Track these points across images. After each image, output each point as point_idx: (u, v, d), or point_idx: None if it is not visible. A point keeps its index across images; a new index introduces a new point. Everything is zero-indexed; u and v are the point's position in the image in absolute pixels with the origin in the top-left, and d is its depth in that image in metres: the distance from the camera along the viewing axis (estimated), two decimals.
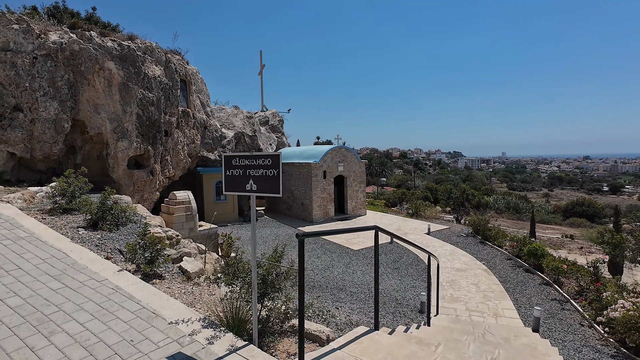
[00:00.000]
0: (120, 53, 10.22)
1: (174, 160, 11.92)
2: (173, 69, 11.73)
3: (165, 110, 11.37)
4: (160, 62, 11.41)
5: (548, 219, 54.51)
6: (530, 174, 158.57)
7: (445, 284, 9.31)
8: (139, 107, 10.54)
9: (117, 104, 10.18)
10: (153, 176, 10.94)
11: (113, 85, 10.12)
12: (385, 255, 11.91)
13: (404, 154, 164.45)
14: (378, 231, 3.58)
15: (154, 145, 10.96)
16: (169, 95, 11.48)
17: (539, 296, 8.45)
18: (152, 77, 10.90)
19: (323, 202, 17.72)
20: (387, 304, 7.80)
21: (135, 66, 10.49)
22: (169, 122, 11.49)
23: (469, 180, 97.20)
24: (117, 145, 10.23)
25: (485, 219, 14.29)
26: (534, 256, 10.04)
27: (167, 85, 11.37)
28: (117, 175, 10.44)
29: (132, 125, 10.42)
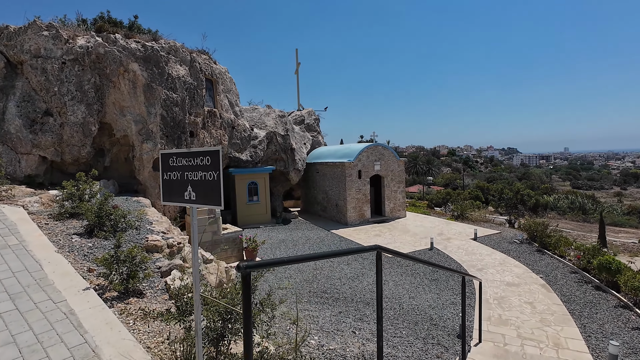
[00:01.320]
0: (144, 54, 10.13)
1: None
2: (198, 68, 11.52)
3: (190, 110, 11.17)
4: (185, 62, 11.24)
5: (621, 221, 48.24)
6: (598, 171, 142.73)
7: (492, 301, 7.95)
8: (162, 108, 10.40)
9: (141, 105, 10.11)
10: None
11: (137, 86, 10.05)
12: (422, 264, 10.68)
13: (452, 152, 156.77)
14: (381, 253, 2.66)
15: (179, 146, 10.79)
16: (194, 96, 11.27)
17: (614, 323, 6.83)
18: (176, 78, 10.72)
19: (358, 203, 16.73)
20: (419, 325, 6.71)
21: (159, 67, 10.37)
22: (194, 122, 11.28)
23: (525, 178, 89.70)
24: (142, 147, 10.16)
25: (544, 223, 12.40)
26: (606, 271, 8.29)
27: (191, 85, 11.16)
28: (143, 177, 10.39)
29: (157, 126, 10.29)
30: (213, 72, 12.41)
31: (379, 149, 17.36)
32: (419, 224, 16.34)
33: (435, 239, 13.30)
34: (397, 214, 17.97)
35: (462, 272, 4.38)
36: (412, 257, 3.02)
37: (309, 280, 9.33)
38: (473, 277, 5.61)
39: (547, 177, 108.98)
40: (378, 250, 2.63)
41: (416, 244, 12.78)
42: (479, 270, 10.00)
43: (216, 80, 12.57)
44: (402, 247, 12.54)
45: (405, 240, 13.47)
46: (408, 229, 15.48)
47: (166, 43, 10.74)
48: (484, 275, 9.60)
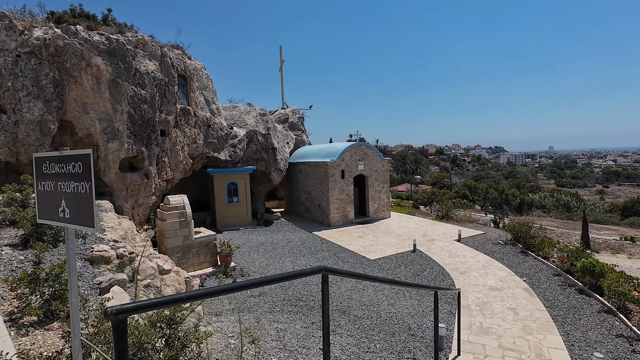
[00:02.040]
0: (109, 47, 9.50)
1: (172, 162, 11.12)
2: (169, 63, 10.92)
3: (160, 108, 10.57)
4: (155, 57, 10.62)
5: (603, 218, 49.18)
6: (581, 169, 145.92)
7: (474, 307, 7.62)
8: (130, 105, 9.79)
9: (106, 102, 9.48)
10: (148, 179, 10.17)
11: (101, 82, 9.42)
12: (404, 267, 10.34)
13: (440, 151, 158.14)
14: (327, 275, 2.21)
15: (149, 146, 10.18)
16: (165, 92, 10.67)
17: (598, 329, 6.55)
18: (145, 73, 10.11)
19: (341, 203, 16.33)
20: (396, 336, 6.31)
21: (126, 61, 9.74)
22: (165, 120, 10.68)
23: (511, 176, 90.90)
24: (108, 147, 9.53)
25: (528, 224, 12.19)
26: (590, 274, 8.05)
27: (162, 82, 10.56)
28: (109, 178, 9.76)
29: (123, 125, 9.67)
30: (187, 68, 11.81)
31: (363, 148, 16.98)
32: (403, 225, 16.03)
33: (418, 241, 12.98)
34: (382, 215, 17.63)
35: (434, 287, 3.96)
36: (367, 276, 2.58)
37: (285, 287, 8.86)
38: (449, 290, 5.20)
39: (532, 175, 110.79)
40: (323, 272, 2.18)
41: (399, 246, 12.43)
42: (461, 273, 9.68)
43: (190, 77, 11.97)
44: (384, 249, 12.18)
45: (388, 242, 13.11)
46: (392, 230, 15.14)
47: (133, 36, 10.11)
48: (466, 279, 9.29)
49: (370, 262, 10.86)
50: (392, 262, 10.87)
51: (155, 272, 5.34)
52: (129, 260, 5.17)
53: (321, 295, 2.22)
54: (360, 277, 2.48)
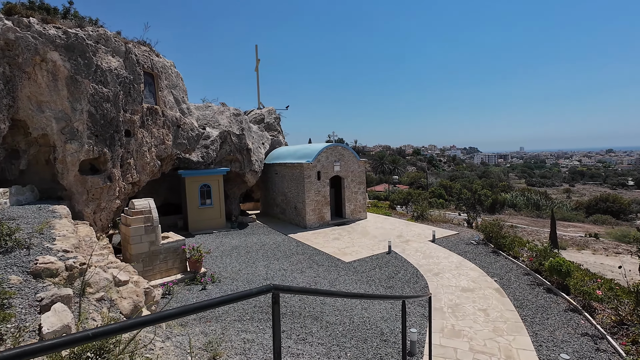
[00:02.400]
0: (66, 42, 8.90)
1: (138, 164, 10.59)
2: (135, 60, 10.39)
3: (125, 107, 10.03)
4: (119, 53, 10.07)
5: (570, 216, 51.53)
6: (550, 169, 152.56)
7: (446, 309, 7.61)
8: (90, 104, 9.22)
9: (64, 100, 8.88)
10: (111, 182, 9.62)
11: (58, 79, 8.81)
12: (379, 270, 10.27)
13: (417, 151, 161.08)
14: (278, 295, 2.00)
15: (112, 147, 9.63)
16: (130, 91, 10.14)
17: (564, 329, 6.67)
18: (108, 70, 9.56)
19: (317, 205, 16.15)
20: (368, 342, 6.18)
21: (85, 57, 9.16)
22: (130, 120, 10.15)
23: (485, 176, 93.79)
24: (66, 148, 8.93)
25: (499, 224, 12.43)
26: (557, 273, 8.22)
27: (126, 79, 10.03)
28: (68, 182, 9.15)
29: (83, 124, 9.10)
30: (154, 66, 11.29)
31: (339, 149, 16.88)
32: (379, 226, 16.04)
33: (394, 242, 12.99)
34: (358, 216, 17.59)
35: (402, 296, 3.83)
36: (322, 291, 2.39)
37: None
38: (417, 297, 5.11)
39: (504, 175, 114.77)
40: (273, 291, 1.97)
41: (374, 248, 12.38)
42: (435, 274, 9.71)
43: (158, 75, 11.46)
44: (360, 251, 12.10)
45: (364, 243, 13.05)
46: (368, 231, 15.11)
47: (94, 31, 9.53)
48: (440, 280, 9.32)
49: (345, 265, 10.74)
50: (367, 264, 10.79)
51: (110, 283, 4.96)
52: (79, 272, 4.77)
53: (272, 317, 2.01)
54: (315, 294, 2.29)
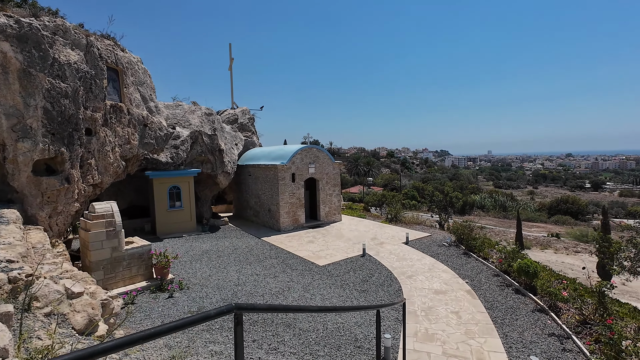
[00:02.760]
0: (19, 32, 8.19)
1: (100, 165, 9.95)
2: (97, 54, 9.76)
3: (86, 104, 9.38)
4: (79, 46, 9.42)
5: (533, 216, 54.13)
6: (515, 172, 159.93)
7: (420, 313, 7.61)
8: (46, 99, 8.53)
9: (15, 95, 8.16)
10: (69, 184, 8.94)
11: (9, 71, 8.09)
12: (353, 273, 10.17)
13: (391, 153, 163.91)
14: (241, 315, 1.80)
15: (70, 146, 8.97)
16: (92, 86, 9.51)
17: (533, 329, 6.82)
18: (66, 64, 8.89)
19: (292, 207, 15.91)
20: (341, 349, 6.04)
21: (41, 49, 8.48)
22: (91, 118, 9.51)
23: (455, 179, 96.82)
24: (17, 147, 8.21)
25: (470, 226, 12.71)
26: (525, 274, 8.45)
27: (88, 74, 9.39)
28: (20, 183, 8.42)
29: (38, 122, 8.41)
30: (119, 61, 10.67)
31: (314, 151, 16.73)
32: (353, 228, 16.01)
33: (368, 245, 12.97)
34: (333, 218, 17.50)
35: (376, 305, 3.71)
36: (293, 307, 2.21)
37: (228, 300, 8.25)
38: (392, 305, 5.02)
39: (474, 177, 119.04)
40: (236, 311, 1.76)
41: (349, 251, 12.31)
42: (408, 277, 9.74)
43: (123, 70, 10.83)
44: (334, 254, 11.98)
45: (339, 246, 12.95)
46: (342, 233, 15.04)
47: (51, 21, 8.84)
48: (413, 282, 9.34)
49: (320, 269, 10.58)
50: (342, 267, 10.68)
51: (61, 296, 4.52)
52: (25, 284, 4.31)
53: (234, 340, 1.80)
54: (285, 311, 2.10)
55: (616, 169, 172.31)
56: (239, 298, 8.36)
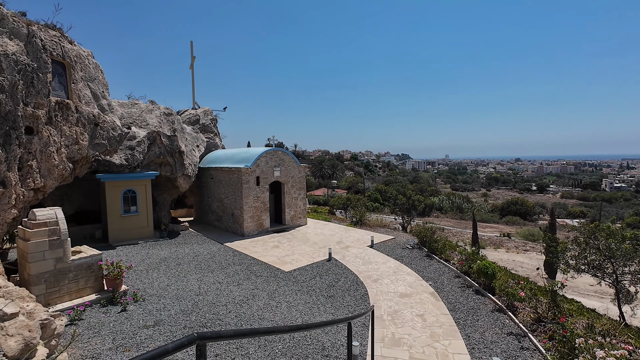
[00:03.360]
0: None
1: (43, 167, 9.03)
2: (40, 46, 8.87)
3: (26, 100, 8.48)
4: (19, 36, 8.51)
5: (487, 217, 57.38)
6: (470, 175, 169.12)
7: (386, 317, 7.63)
8: None
9: None
10: (5, 188, 8.01)
11: None
12: (320, 278, 10.05)
13: (355, 156, 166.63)
14: (204, 345, 1.58)
15: (7, 146, 8.04)
16: (33, 81, 8.61)
17: (493, 329, 7.07)
18: (2, 54, 7.99)
19: (256, 212, 15.51)
20: (309, 359, 5.87)
21: None
22: (33, 115, 8.61)
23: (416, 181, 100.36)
24: None
25: (432, 229, 13.09)
26: (484, 275, 8.79)
27: (28, 67, 8.50)
28: None
29: None
30: (66, 54, 9.78)
31: (279, 154, 16.46)
32: (319, 232, 15.92)
33: (334, 248, 12.93)
34: (298, 222, 17.31)
35: (347, 318, 3.59)
36: (262, 330, 2.02)
37: (188, 311, 7.78)
38: (361, 316, 4.94)
39: (433, 180, 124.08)
40: (198, 342, 1.54)
41: (314, 255, 12.18)
42: (374, 281, 9.78)
43: (71, 64, 9.95)
44: (300, 259, 11.79)
45: (304, 251, 12.78)
46: (308, 238, 14.89)
47: None
48: (379, 286, 9.39)
49: (285, 275, 10.34)
50: (308, 273, 10.52)
51: None
52: None
53: None
54: (252, 335, 1.91)
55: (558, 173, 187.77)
56: (200, 309, 7.92)
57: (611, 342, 4.89)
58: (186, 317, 7.45)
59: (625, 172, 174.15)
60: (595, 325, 6.03)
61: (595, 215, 58.91)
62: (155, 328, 6.90)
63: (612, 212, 65.89)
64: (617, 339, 5.37)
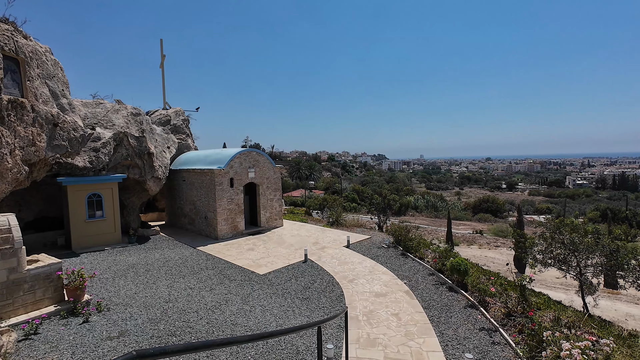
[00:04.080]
0: None
1: None
2: None
3: None
4: None
5: (460, 215, 59.08)
6: (444, 175, 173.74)
7: (361, 317, 7.58)
8: None
9: None
10: None
11: None
12: (295, 280, 9.90)
13: (332, 157, 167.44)
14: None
15: None
16: None
17: (465, 325, 7.17)
18: None
19: (230, 214, 15.15)
20: None
21: None
22: None
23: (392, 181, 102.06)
24: None
25: (407, 227, 13.23)
26: (457, 272, 8.92)
27: None
28: None
29: None
30: (20, 49, 9.14)
31: (254, 155, 16.17)
32: (295, 233, 15.75)
33: (310, 250, 12.81)
34: (274, 224, 17.06)
35: (316, 322, 3.47)
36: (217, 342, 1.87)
37: (156, 320, 7.43)
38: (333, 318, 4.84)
39: (408, 180, 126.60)
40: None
41: (290, 257, 12.01)
42: (350, 281, 9.74)
43: (26, 61, 9.31)
44: (276, 261, 11.59)
45: (280, 253, 12.58)
46: (284, 239, 14.69)
47: None
48: (355, 286, 9.35)
49: (260, 278, 10.12)
50: (283, 275, 10.34)
51: None
52: None
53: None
54: (202, 349, 1.74)
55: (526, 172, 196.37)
56: (169, 316, 7.58)
57: (576, 334, 5.04)
58: (154, 326, 7.10)
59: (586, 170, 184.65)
60: (561, 318, 6.23)
61: (560, 211, 61.99)
62: (120, 339, 6.53)
63: (575, 208, 69.59)
64: (581, 330, 5.56)
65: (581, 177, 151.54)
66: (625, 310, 16.62)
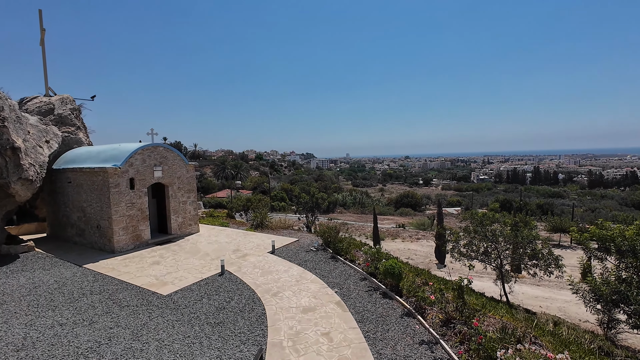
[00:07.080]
0: None
1: None
2: None
3: None
4: None
5: (384, 210, 61.73)
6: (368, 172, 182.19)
7: (286, 343, 6.27)
8: None
9: None
10: None
11: None
12: (207, 300, 8.17)
13: (260, 156, 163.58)
14: None
15: None
16: None
17: (404, 340, 6.32)
18: None
19: (131, 221, 12.60)
20: None
21: None
22: None
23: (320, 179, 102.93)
24: None
25: (336, 228, 12.31)
26: (391, 276, 8.17)
27: None
28: None
29: None
30: None
31: (160, 151, 13.75)
32: (213, 240, 13.81)
33: (229, 259, 11.11)
34: (188, 230, 14.84)
35: None
36: None
37: None
38: None
39: (336, 177, 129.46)
40: None
41: (204, 270, 10.18)
42: (274, 295, 8.36)
43: None
44: (185, 276, 9.67)
45: (192, 265, 10.64)
46: (199, 248, 12.68)
47: None
48: (279, 301, 8.01)
49: (163, 300, 8.17)
50: (193, 293, 8.53)
51: None
52: None
53: None
54: None
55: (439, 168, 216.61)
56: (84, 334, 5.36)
57: (530, 349, 4.44)
58: None
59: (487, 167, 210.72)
60: (507, 327, 5.72)
61: (468, 203, 68.75)
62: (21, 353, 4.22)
63: (479, 200, 77.85)
64: (534, 344, 5.05)
65: (483, 173, 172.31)
66: (531, 293, 18.15)
